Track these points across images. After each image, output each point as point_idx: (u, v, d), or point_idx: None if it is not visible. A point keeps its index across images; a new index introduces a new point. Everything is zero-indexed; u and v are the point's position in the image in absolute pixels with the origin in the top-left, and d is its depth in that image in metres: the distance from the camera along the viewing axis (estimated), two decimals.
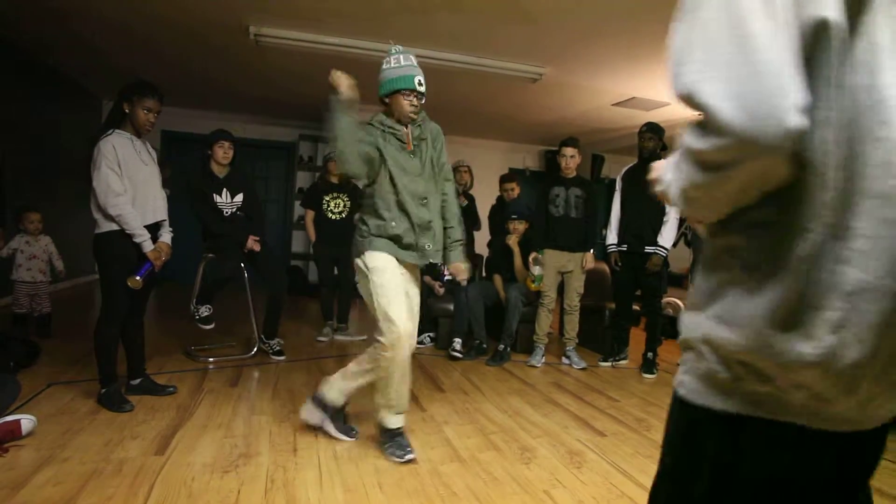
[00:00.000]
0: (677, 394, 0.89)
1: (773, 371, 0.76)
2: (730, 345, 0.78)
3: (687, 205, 0.81)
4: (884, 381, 0.75)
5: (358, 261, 2.48)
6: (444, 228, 2.64)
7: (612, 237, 4.37)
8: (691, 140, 0.72)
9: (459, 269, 2.71)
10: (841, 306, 0.70)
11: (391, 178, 2.44)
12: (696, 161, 0.73)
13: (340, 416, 2.66)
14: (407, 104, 2.42)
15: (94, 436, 2.48)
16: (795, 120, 0.64)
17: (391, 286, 2.41)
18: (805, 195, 0.71)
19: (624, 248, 4.27)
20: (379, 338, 2.38)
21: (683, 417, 0.90)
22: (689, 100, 0.70)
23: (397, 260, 2.48)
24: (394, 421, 2.51)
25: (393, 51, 2.49)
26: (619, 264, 4.33)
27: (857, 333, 0.70)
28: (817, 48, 0.69)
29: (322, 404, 2.62)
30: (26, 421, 2.39)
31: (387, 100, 2.48)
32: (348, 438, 2.61)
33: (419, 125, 2.53)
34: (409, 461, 2.42)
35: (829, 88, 0.69)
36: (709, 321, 0.82)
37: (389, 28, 4.27)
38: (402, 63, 2.44)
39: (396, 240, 2.46)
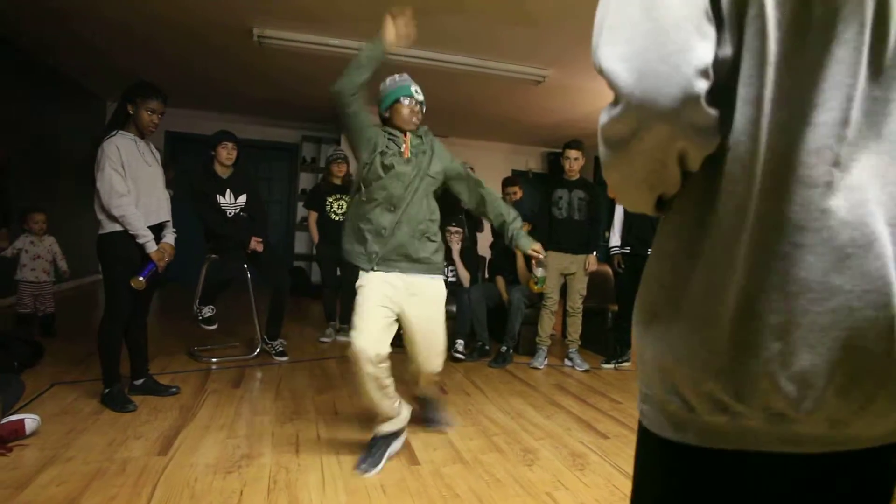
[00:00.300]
0: (641, 422, 0.79)
1: (723, 394, 0.65)
2: (675, 369, 0.68)
3: (613, 191, 0.74)
4: (856, 394, 0.62)
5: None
6: (504, 223, 2.62)
7: (615, 239, 4.36)
8: (601, 115, 0.65)
9: (538, 250, 2.69)
10: (784, 308, 0.61)
11: (372, 179, 2.40)
12: (604, 138, 0.67)
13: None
14: (406, 110, 2.45)
15: (98, 436, 2.48)
16: (694, 82, 0.57)
17: (367, 298, 2.36)
18: (730, 182, 0.63)
19: (627, 250, 4.27)
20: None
21: (646, 447, 0.79)
22: (599, 71, 0.63)
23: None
24: (385, 427, 2.44)
25: (388, 78, 2.55)
26: (623, 266, 4.32)
27: (804, 337, 0.61)
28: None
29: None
30: (30, 420, 2.39)
31: (386, 114, 2.51)
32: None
33: (419, 136, 2.52)
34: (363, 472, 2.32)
35: (764, 64, 0.60)
36: (653, 342, 0.72)
37: None
38: (396, 80, 2.52)
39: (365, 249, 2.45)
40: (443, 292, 2.55)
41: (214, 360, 3.88)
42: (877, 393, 0.62)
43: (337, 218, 4.74)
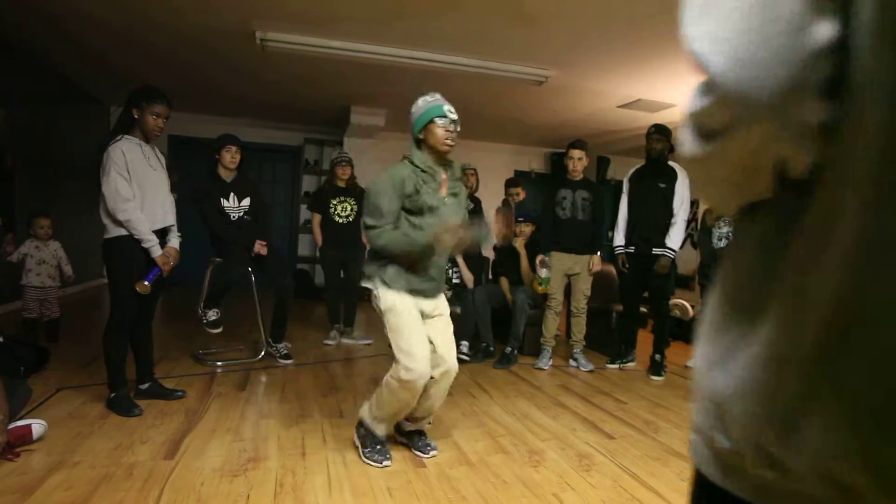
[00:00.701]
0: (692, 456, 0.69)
1: (778, 446, 0.51)
2: (733, 407, 0.57)
3: (697, 190, 0.66)
4: None
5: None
6: None
7: (619, 238, 4.35)
8: (691, 101, 0.57)
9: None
10: None
11: (414, 212, 2.41)
12: (692, 127, 0.58)
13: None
14: (441, 130, 2.38)
15: (104, 440, 2.48)
16: (806, 69, 0.46)
17: (408, 325, 2.40)
18: (844, 188, 0.47)
19: (631, 249, 4.25)
20: (396, 370, 2.36)
21: (697, 486, 0.68)
22: (689, 53, 0.54)
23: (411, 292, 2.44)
24: (381, 429, 2.47)
25: (424, 95, 2.49)
26: (627, 266, 4.31)
27: None
28: None
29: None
30: (37, 426, 2.40)
31: (421, 136, 2.43)
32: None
33: (457, 178, 2.53)
34: (386, 466, 2.39)
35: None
36: (711, 368, 0.61)
37: (395, 31, 4.28)
38: (429, 101, 2.44)
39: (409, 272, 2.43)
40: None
41: (219, 363, 3.88)
42: None
43: (341, 220, 4.74)
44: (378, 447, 2.45)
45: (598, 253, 4.32)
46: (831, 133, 0.48)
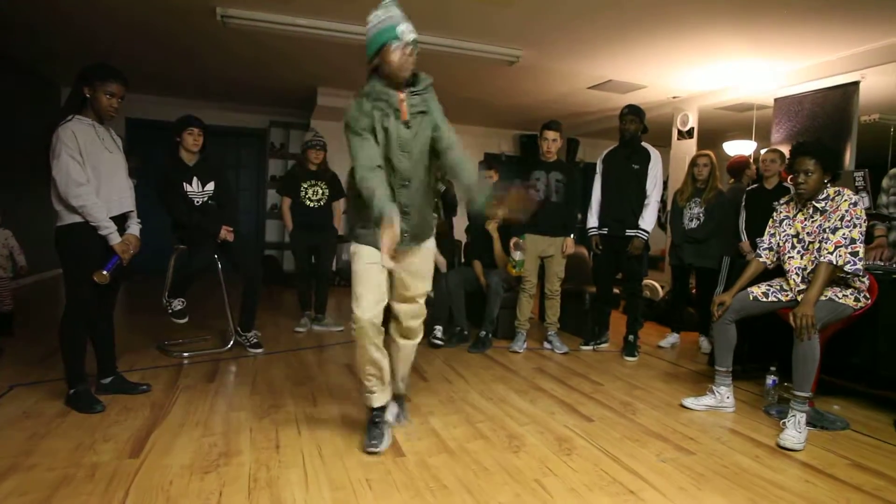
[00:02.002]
0: None
1: None
2: None
3: None
4: None
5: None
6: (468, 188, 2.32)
7: (592, 220, 4.31)
8: None
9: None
10: None
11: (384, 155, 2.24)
12: None
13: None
14: (396, 55, 2.15)
15: (63, 440, 2.34)
16: None
17: (364, 273, 2.30)
18: None
19: (605, 231, 4.23)
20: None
21: None
22: None
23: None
24: (370, 400, 2.46)
25: (373, 11, 2.23)
26: (600, 248, 4.28)
27: None
28: None
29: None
30: None
31: (376, 61, 2.22)
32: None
33: (419, 94, 2.27)
34: (371, 453, 2.34)
35: None
36: None
37: (360, 9, 4.11)
38: (381, 17, 2.19)
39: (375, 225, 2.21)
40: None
41: (186, 354, 3.74)
42: None
43: (312, 204, 4.60)
44: (371, 429, 2.42)
45: (572, 235, 4.29)
46: None
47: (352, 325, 2.29)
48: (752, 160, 5.63)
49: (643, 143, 4.18)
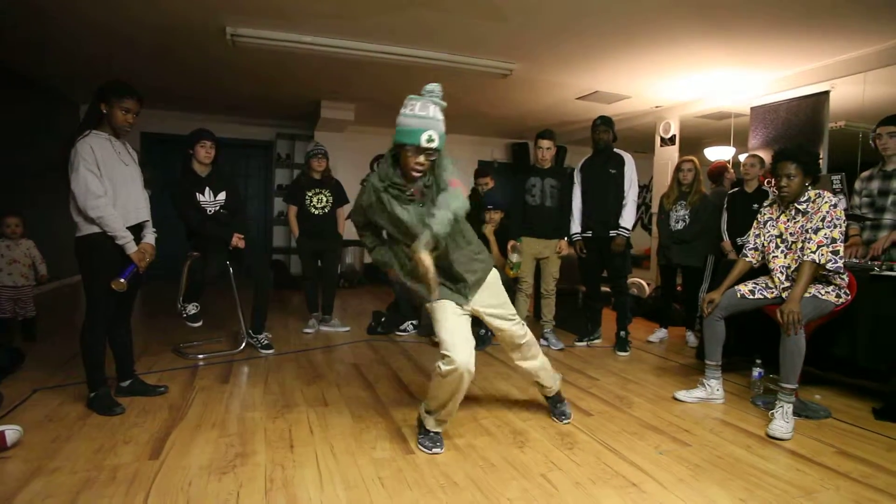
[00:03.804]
0: None
1: None
2: None
3: None
4: None
5: None
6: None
7: (575, 227, 4.24)
8: None
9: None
10: None
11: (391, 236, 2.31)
12: None
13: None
14: (411, 162, 2.06)
15: (85, 442, 2.26)
16: None
17: (450, 318, 2.27)
18: None
19: (589, 234, 4.18)
20: (438, 362, 2.20)
21: None
22: None
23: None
24: (432, 424, 2.36)
25: (411, 98, 2.09)
26: (585, 251, 4.22)
27: None
28: None
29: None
30: (11, 431, 2.16)
31: (395, 151, 2.13)
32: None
33: (429, 185, 2.16)
34: (435, 454, 2.28)
35: None
36: None
37: (365, 26, 4.07)
38: (415, 112, 2.04)
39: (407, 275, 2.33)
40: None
41: (201, 356, 3.66)
42: None
43: (316, 211, 4.53)
44: (430, 434, 2.36)
45: (566, 237, 4.24)
46: None
47: (440, 367, 2.16)
48: (730, 165, 5.60)
49: (615, 150, 4.16)
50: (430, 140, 2.03)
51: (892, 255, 3.28)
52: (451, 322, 2.25)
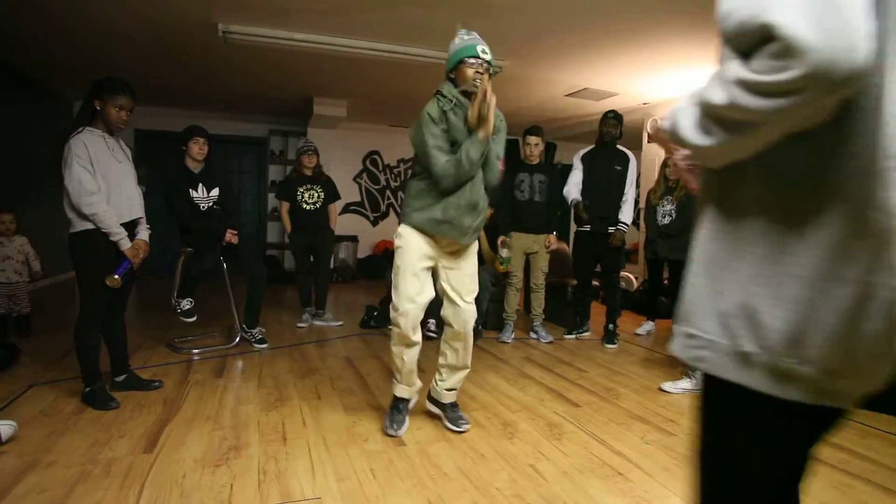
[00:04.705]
0: (700, 369, 0.81)
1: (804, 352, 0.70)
2: (770, 318, 0.70)
3: (729, 136, 0.68)
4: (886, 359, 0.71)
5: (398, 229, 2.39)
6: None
7: (574, 194, 4.21)
8: (744, 72, 0.61)
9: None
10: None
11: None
12: (755, 90, 0.61)
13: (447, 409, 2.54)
14: (471, 70, 2.22)
15: (80, 437, 2.26)
16: (867, 56, 0.55)
17: (407, 267, 2.32)
18: (847, 133, 0.64)
19: (587, 228, 4.20)
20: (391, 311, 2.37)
21: (711, 390, 0.83)
22: (751, 32, 0.60)
23: (432, 236, 2.33)
24: (396, 389, 2.45)
25: (458, 33, 2.33)
26: (586, 215, 4.19)
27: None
28: None
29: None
30: (5, 427, 2.16)
31: (452, 75, 2.30)
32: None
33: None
34: (391, 436, 2.35)
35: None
36: (740, 289, 0.74)
37: (356, 23, 4.05)
38: (465, 38, 2.29)
39: (436, 216, 2.30)
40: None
41: (195, 350, 3.64)
42: None
43: (308, 207, 4.52)
44: (393, 414, 2.44)
45: (555, 232, 4.25)
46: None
47: (391, 315, 2.36)
48: None
49: (619, 147, 4.16)
50: (484, 52, 2.25)
51: None
52: (409, 267, 2.31)
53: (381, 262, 7.76)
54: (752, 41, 0.60)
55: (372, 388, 3.04)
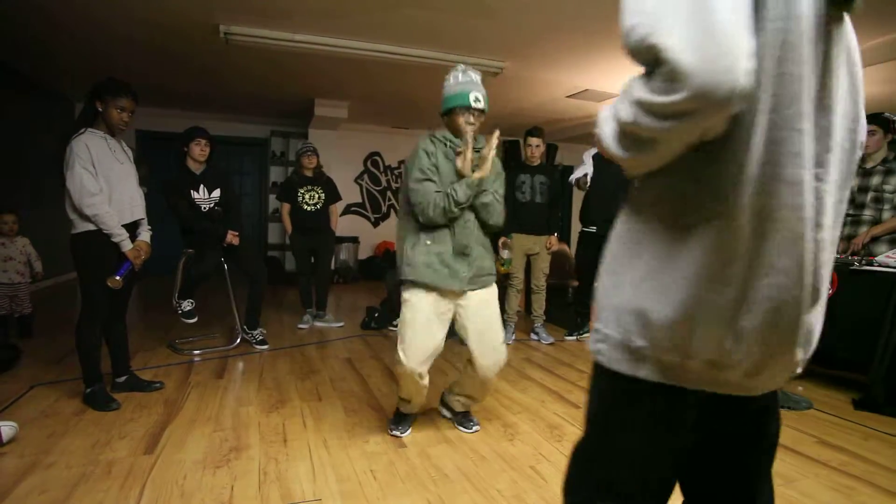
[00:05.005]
0: (597, 361, 0.85)
1: (694, 341, 0.74)
2: (658, 315, 0.74)
3: (637, 151, 0.72)
4: (767, 351, 0.75)
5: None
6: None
7: (578, 175, 4.25)
8: (642, 92, 0.65)
9: None
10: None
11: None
12: (651, 112, 0.66)
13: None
14: (462, 121, 2.19)
15: (81, 437, 2.26)
16: (747, 75, 0.59)
17: (417, 322, 2.20)
18: (728, 142, 0.68)
19: (593, 229, 4.19)
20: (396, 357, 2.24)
21: (604, 378, 0.86)
22: (645, 51, 0.63)
23: (434, 288, 2.20)
24: (404, 406, 2.43)
25: (453, 70, 2.28)
26: (587, 189, 4.23)
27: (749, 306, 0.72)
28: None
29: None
30: (6, 427, 2.16)
31: (445, 119, 2.29)
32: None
33: (480, 148, 2.28)
34: (396, 436, 2.38)
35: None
36: (633, 287, 0.78)
37: (357, 24, 4.05)
38: (459, 80, 2.23)
39: (432, 263, 2.19)
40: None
41: (196, 351, 3.65)
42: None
43: (309, 208, 4.52)
44: (399, 417, 2.46)
45: (556, 233, 4.25)
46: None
47: (395, 364, 2.24)
48: None
49: None
50: (476, 100, 2.20)
51: (872, 250, 3.32)
52: (420, 322, 2.19)
53: (382, 264, 7.77)
54: (648, 59, 0.63)
55: (373, 389, 3.04)
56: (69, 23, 4.11)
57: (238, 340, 3.85)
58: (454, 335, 2.40)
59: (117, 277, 2.54)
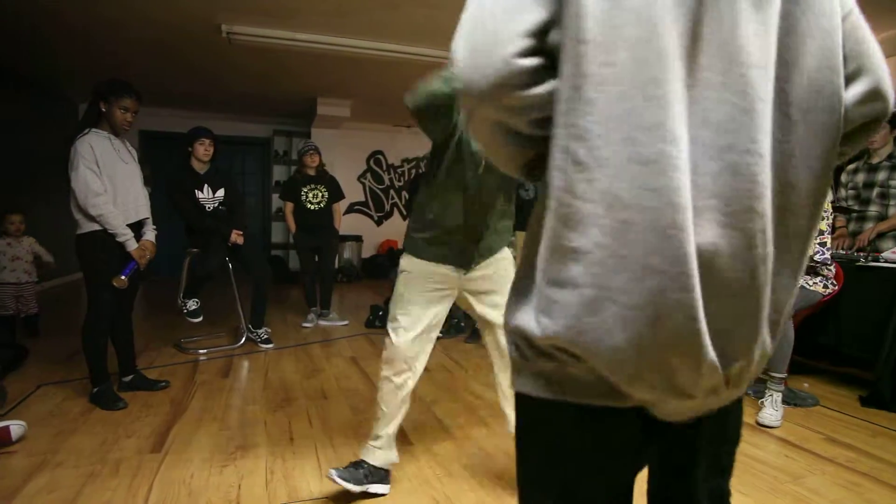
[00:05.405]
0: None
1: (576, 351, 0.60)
2: (548, 331, 0.61)
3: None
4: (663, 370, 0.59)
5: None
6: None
7: None
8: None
9: None
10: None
11: (458, 167, 1.84)
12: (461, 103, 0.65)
13: None
14: None
15: (88, 437, 2.27)
16: (506, 69, 0.54)
17: (410, 295, 1.91)
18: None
19: None
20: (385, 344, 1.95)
21: (520, 406, 0.75)
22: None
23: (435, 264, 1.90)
24: (379, 458, 1.90)
25: None
26: None
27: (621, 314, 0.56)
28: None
29: None
30: (15, 427, 2.16)
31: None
32: None
33: None
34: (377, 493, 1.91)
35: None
36: (525, 296, 0.67)
37: (359, 23, 4.05)
38: None
39: (437, 240, 1.89)
40: None
41: (202, 351, 3.65)
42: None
43: (312, 207, 4.52)
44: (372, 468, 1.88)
45: None
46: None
47: (385, 346, 1.94)
48: None
49: None
50: None
51: (877, 246, 3.30)
52: (416, 303, 1.91)
53: (385, 262, 7.77)
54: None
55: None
56: (72, 24, 4.11)
57: (243, 339, 3.86)
58: (475, 338, 2.28)
59: (123, 277, 2.54)
